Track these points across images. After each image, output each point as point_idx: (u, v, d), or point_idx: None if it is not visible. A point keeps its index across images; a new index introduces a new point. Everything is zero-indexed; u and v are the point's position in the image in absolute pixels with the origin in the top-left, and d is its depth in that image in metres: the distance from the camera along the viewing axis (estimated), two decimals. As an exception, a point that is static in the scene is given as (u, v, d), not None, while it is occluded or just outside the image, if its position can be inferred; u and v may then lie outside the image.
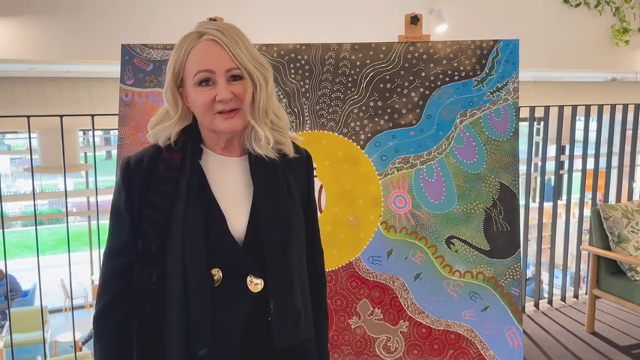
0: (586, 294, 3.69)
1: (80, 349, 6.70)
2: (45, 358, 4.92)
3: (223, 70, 1.07)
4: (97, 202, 3.29)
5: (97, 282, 7.20)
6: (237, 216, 1.13)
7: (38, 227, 3.21)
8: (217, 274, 1.09)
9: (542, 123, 4.08)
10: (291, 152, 1.18)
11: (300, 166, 1.23)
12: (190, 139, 1.15)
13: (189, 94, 1.11)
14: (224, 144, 1.15)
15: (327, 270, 1.94)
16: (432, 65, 1.93)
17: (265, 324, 1.12)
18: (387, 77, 1.94)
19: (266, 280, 1.11)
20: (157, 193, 1.11)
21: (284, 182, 1.16)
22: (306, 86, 1.95)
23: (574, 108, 4.10)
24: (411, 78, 1.94)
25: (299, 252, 1.18)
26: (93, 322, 1.15)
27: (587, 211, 4.17)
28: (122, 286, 1.12)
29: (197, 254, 1.08)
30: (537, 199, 4.28)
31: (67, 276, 3.24)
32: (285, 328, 1.12)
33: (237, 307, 1.11)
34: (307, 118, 1.95)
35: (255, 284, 1.10)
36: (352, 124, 1.95)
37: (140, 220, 1.11)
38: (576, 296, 4.20)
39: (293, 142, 1.22)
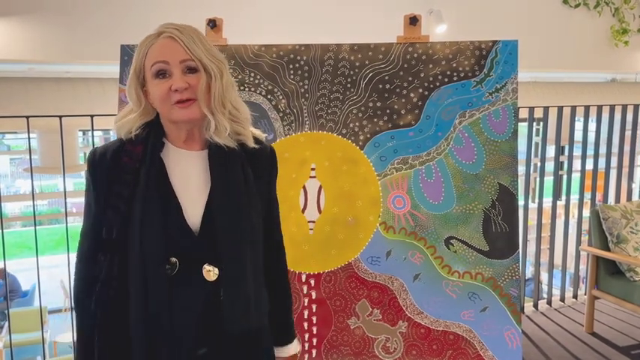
0: (585, 294, 3.69)
1: (79, 350, 6.68)
2: (44, 358, 4.92)
3: (177, 61, 1.13)
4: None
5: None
6: (193, 206, 1.18)
7: (38, 227, 3.21)
8: (174, 262, 1.15)
9: (541, 123, 4.08)
10: (250, 143, 1.23)
11: (261, 157, 1.27)
12: (152, 132, 1.20)
13: (149, 89, 1.17)
14: (185, 137, 1.20)
15: (326, 270, 1.94)
16: (431, 66, 1.94)
17: (220, 314, 1.17)
18: (386, 78, 1.94)
19: (220, 269, 1.16)
20: (120, 183, 1.16)
21: (241, 173, 1.21)
22: (305, 87, 1.95)
23: (573, 108, 4.11)
24: (410, 79, 1.94)
25: (254, 242, 1.23)
26: (73, 304, 1.21)
27: (586, 212, 4.17)
28: (88, 269, 1.18)
29: (154, 243, 1.13)
30: (537, 200, 4.27)
31: (67, 276, 3.24)
32: (234, 315, 1.17)
33: (194, 294, 1.16)
34: (306, 119, 1.95)
35: (212, 273, 1.16)
36: (351, 125, 1.95)
37: (105, 208, 1.16)
38: (575, 297, 4.20)
39: (259, 139, 1.28)
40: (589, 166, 4.25)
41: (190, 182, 1.20)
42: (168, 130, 1.21)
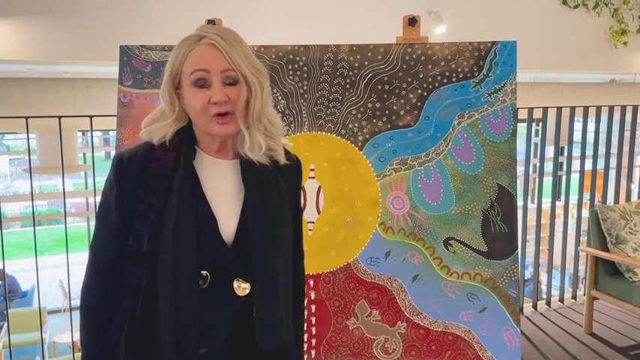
0: (584, 295, 3.69)
1: (79, 350, 6.69)
2: (43, 359, 4.92)
3: (219, 71, 1.08)
4: (95, 202, 3.29)
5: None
6: (227, 218, 1.14)
7: (37, 228, 3.21)
8: (205, 275, 1.10)
9: (540, 124, 4.09)
10: (282, 159, 1.19)
11: (290, 172, 1.24)
12: (185, 139, 1.15)
13: (185, 95, 1.12)
14: (218, 146, 1.16)
15: (325, 271, 1.94)
16: (430, 67, 1.94)
17: (250, 326, 1.13)
18: (385, 79, 1.94)
19: (252, 284, 1.12)
20: (150, 191, 1.11)
21: (274, 187, 1.17)
22: (305, 87, 1.95)
23: (572, 109, 4.11)
24: (409, 79, 1.94)
25: (285, 257, 1.19)
26: (80, 318, 1.16)
27: (585, 212, 4.18)
28: (107, 282, 1.13)
29: (187, 256, 1.09)
30: (536, 200, 4.28)
31: (66, 277, 3.24)
32: (267, 332, 1.13)
33: (223, 309, 1.12)
34: (305, 120, 1.95)
35: (243, 288, 1.12)
36: (350, 126, 1.95)
37: (131, 217, 1.11)
38: (574, 297, 4.20)
39: (285, 149, 1.23)
40: (588, 166, 4.26)
41: (223, 192, 1.16)
42: (201, 138, 1.17)
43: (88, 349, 1.16)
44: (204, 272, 1.10)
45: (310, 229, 1.94)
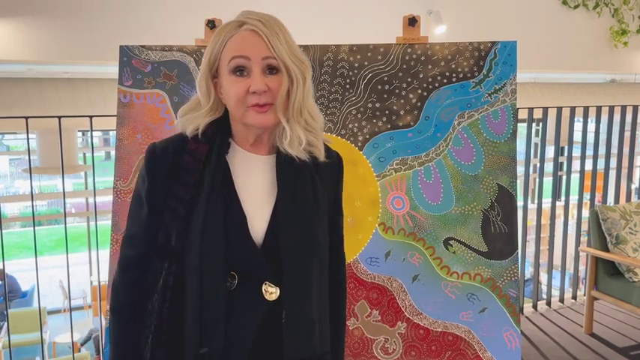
0: (584, 295, 3.69)
1: (79, 350, 6.70)
2: (43, 359, 4.91)
3: (259, 58, 1.02)
4: (94, 202, 3.29)
5: (95, 283, 7.21)
6: (257, 218, 1.08)
7: (37, 228, 3.21)
8: (233, 276, 1.06)
9: (540, 124, 4.09)
10: (321, 156, 1.13)
11: (330, 170, 1.18)
12: (219, 131, 1.10)
13: (223, 84, 1.07)
14: (253, 140, 1.11)
15: (325, 271, 1.94)
16: (430, 67, 1.94)
17: (279, 333, 1.07)
18: (385, 79, 1.94)
19: (282, 289, 1.06)
20: (180, 184, 1.07)
21: (310, 186, 1.12)
22: (304, 88, 1.95)
23: (572, 109, 4.11)
24: (409, 79, 1.94)
25: (320, 261, 1.13)
26: (109, 315, 1.13)
27: (585, 213, 4.18)
28: (136, 278, 1.09)
29: (215, 255, 1.04)
30: (536, 201, 4.28)
31: (66, 277, 3.24)
32: (296, 340, 1.07)
33: (250, 312, 1.07)
34: (305, 120, 1.95)
35: (271, 293, 1.06)
36: (350, 126, 1.95)
37: (162, 210, 1.07)
38: (575, 297, 4.20)
39: (325, 145, 1.17)
40: (588, 166, 4.26)
41: (256, 190, 1.10)
42: (236, 131, 1.11)
43: (116, 346, 1.12)
44: (231, 274, 1.05)
45: (310, 230, 1.94)
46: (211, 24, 1.95)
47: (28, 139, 3.19)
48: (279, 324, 1.07)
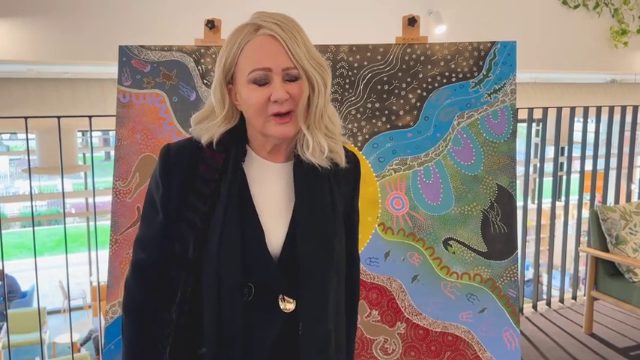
0: (584, 295, 3.69)
1: (78, 351, 6.69)
2: (43, 359, 4.91)
3: (280, 69, 0.99)
4: (94, 203, 3.29)
5: (95, 283, 7.20)
6: (275, 230, 1.07)
7: (37, 228, 3.21)
8: (250, 289, 1.04)
9: (540, 124, 4.09)
10: (342, 162, 1.11)
11: (347, 172, 1.15)
12: (235, 139, 1.08)
13: (241, 92, 1.03)
14: (270, 148, 1.08)
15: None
16: (429, 67, 1.93)
17: (295, 343, 1.06)
18: (385, 79, 1.94)
19: (299, 301, 1.05)
20: (196, 194, 1.05)
21: (328, 195, 1.09)
22: (304, 88, 1.94)
23: (572, 109, 4.11)
24: (409, 79, 1.94)
25: (337, 273, 1.11)
26: (122, 316, 1.13)
27: (585, 213, 4.18)
28: (148, 279, 1.09)
29: (232, 267, 1.03)
30: (536, 201, 4.28)
31: (66, 277, 3.23)
32: (312, 352, 1.06)
33: (267, 324, 1.06)
34: (305, 120, 1.94)
35: (286, 303, 1.05)
36: (350, 126, 1.95)
37: (177, 219, 1.06)
38: (574, 298, 4.20)
39: (347, 150, 1.15)
40: (588, 166, 4.26)
41: (272, 198, 1.08)
42: (253, 138, 1.08)
43: (127, 345, 1.12)
44: (247, 286, 1.04)
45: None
46: (211, 24, 1.94)
47: (27, 139, 3.20)
48: (295, 335, 1.06)
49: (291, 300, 1.05)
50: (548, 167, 4.26)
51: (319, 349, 1.07)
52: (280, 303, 1.05)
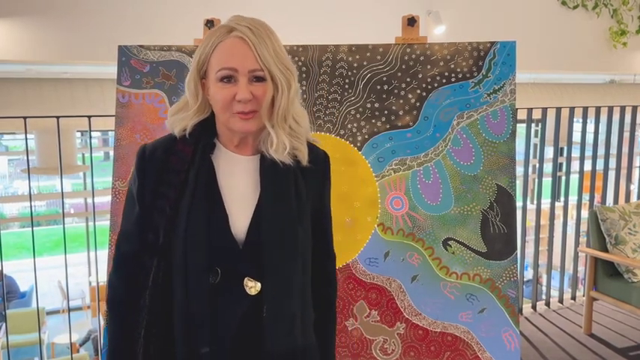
0: (583, 296, 3.69)
1: (77, 351, 6.69)
2: (42, 359, 4.91)
3: (246, 70, 1.07)
4: (93, 203, 3.29)
5: (94, 284, 7.20)
6: (239, 216, 1.13)
7: (36, 228, 3.20)
8: (216, 271, 1.10)
9: (539, 124, 4.09)
10: (304, 160, 1.17)
11: (316, 168, 1.21)
12: (205, 132, 1.15)
13: (210, 88, 1.11)
14: (238, 141, 1.16)
15: (323, 272, 1.93)
16: (429, 67, 1.93)
17: (260, 326, 1.11)
18: (384, 79, 1.94)
19: (263, 284, 1.10)
20: (167, 184, 1.12)
21: (293, 186, 1.15)
22: (303, 88, 1.94)
23: (572, 110, 4.11)
24: (408, 79, 1.93)
25: (301, 258, 1.16)
26: (106, 311, 1.18)
27: (584, 213, 4.18)
28: (130, 274, 1.13)
29: (198, 251, 1.09)
30: (535, 201, 4.28)
31: (65, 277, 3.23)
32: (276, 334, 1.11)
33: (234, 307, 1.11)
34: (304, 120, 1.94)
35: (251, 287, 1.10)
36: (349, 126, 1.95)
37: (150, 209, 1.12)
38: (574, 298, 4.21)
39: (311, 144, 1.21)
40: (587, 167, 4.26)
41: (238, 189, 1.15)
42: (221, 132, 1.16)
43: (112, 342, 1.16)
44: (215, 268, 1.10)
45: (309, 230, 1.93)
46: (210, 24, 1.94)
47: (26, 139, 3.19)
48: (259, 319, 1.11)
49: (254, 282, 1.10)
50: (548, 167, 4.27)
51: (283, 331, 1.12)
52: (245, 286, 1.10)
